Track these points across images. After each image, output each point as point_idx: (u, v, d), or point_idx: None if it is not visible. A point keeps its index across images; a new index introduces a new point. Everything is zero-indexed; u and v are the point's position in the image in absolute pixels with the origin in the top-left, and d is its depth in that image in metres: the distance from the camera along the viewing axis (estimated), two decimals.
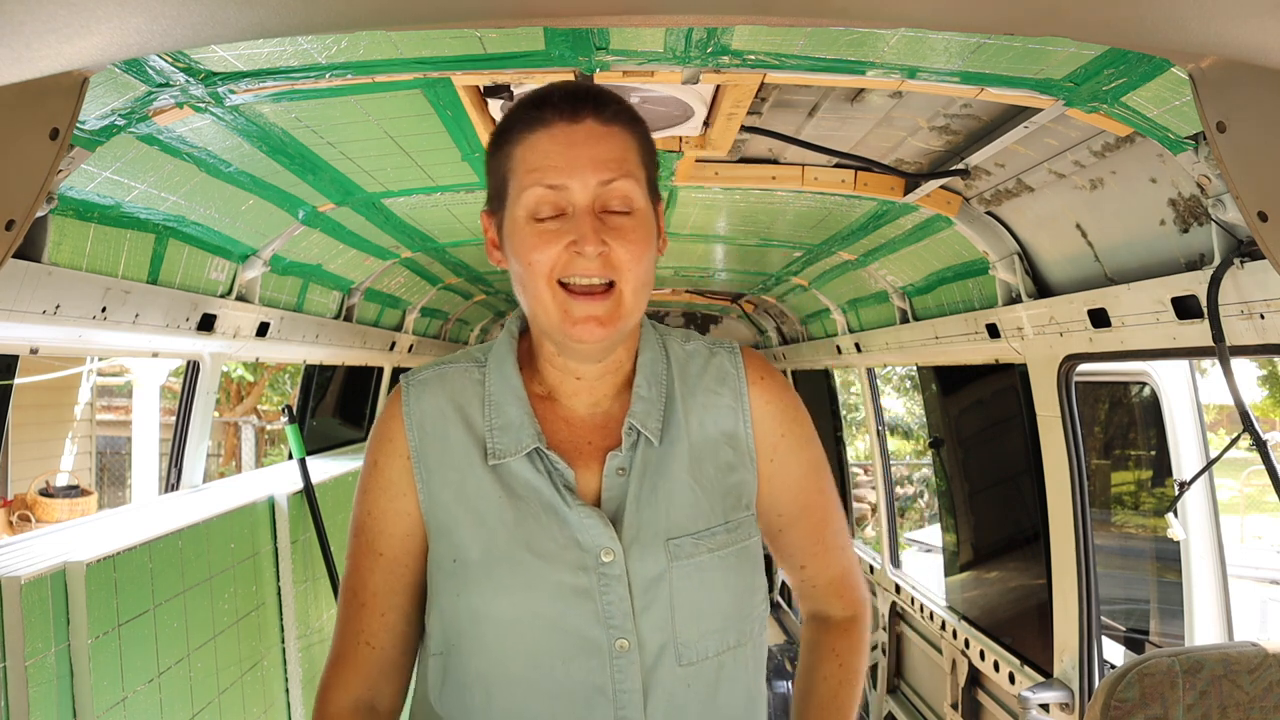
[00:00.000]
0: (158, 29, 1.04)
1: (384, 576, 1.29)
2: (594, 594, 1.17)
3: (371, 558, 1.29)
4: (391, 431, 1.29)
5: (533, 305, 1.21)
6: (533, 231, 1.17)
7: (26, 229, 1.22)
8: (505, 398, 1.27)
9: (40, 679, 2.02)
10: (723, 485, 1.27)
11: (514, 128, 1.21)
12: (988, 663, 3.58)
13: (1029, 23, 1.22)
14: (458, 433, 1.27)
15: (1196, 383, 3.10)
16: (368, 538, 1.29)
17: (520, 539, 1.20)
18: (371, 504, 1.29)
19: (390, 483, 1.28)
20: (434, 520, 1.26)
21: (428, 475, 1.26)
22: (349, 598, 1.31)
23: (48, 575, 2.07)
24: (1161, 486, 3.89)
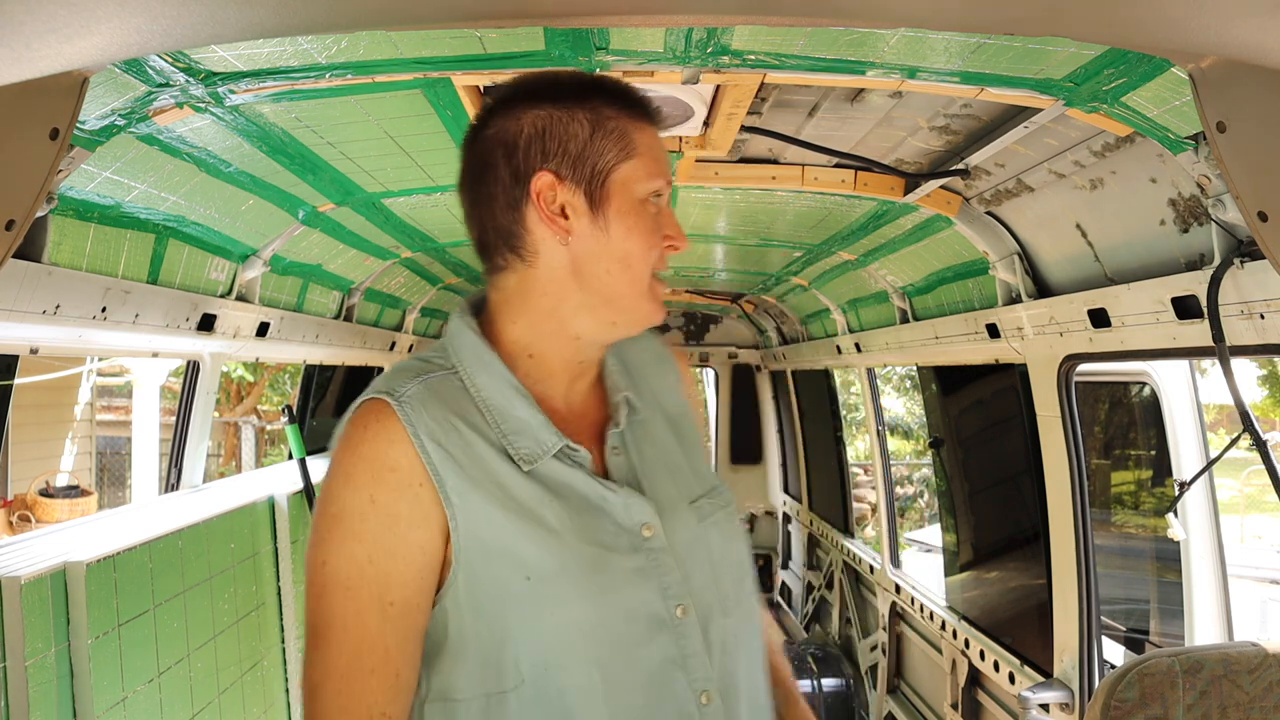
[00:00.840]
0: (158, 29, 1.04)
1: (396, 629, 1.12)
2: (649, 571, 1.19)
3: (379, 611, 1.11)
4: (392, 459, 1.12)
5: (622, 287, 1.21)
6: (648, 217, 1.22)
7: (26, 229, 1.22)
8: (508, 399, 1.20)
9: (40, 679, 2.02)
10: (699, 450, 1.37)
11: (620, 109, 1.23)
12: (988, 663, 3.58)
13: (1029, 23, 1.22)
14: (477, 443, 1.17)
15: (1196, 383, 3.10)
16: (373, 589, 1.11)
17: (587, 536, 1.17)
18: (373, 548, 1.11)
19: (398, 517, 1.12)
20: (477, 544, 1.13)
21: (460, 498, 1.13)
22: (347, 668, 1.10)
23: (48, 575, 2.07)
24: (1161, 486, 3.89)
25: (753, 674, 1.28)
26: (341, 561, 1.11)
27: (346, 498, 1.12)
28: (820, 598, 6.71)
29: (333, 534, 1.12)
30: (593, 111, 1.21)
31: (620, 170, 1.20)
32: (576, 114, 1.20)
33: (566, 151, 1.20)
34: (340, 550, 1.11)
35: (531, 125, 1.20)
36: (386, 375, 1.21)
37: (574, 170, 1.20)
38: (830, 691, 5.41)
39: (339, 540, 1.11)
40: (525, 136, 1.20)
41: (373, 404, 1.16)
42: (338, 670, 1.10)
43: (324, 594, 1.11)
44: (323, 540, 1.12)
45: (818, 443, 6.90)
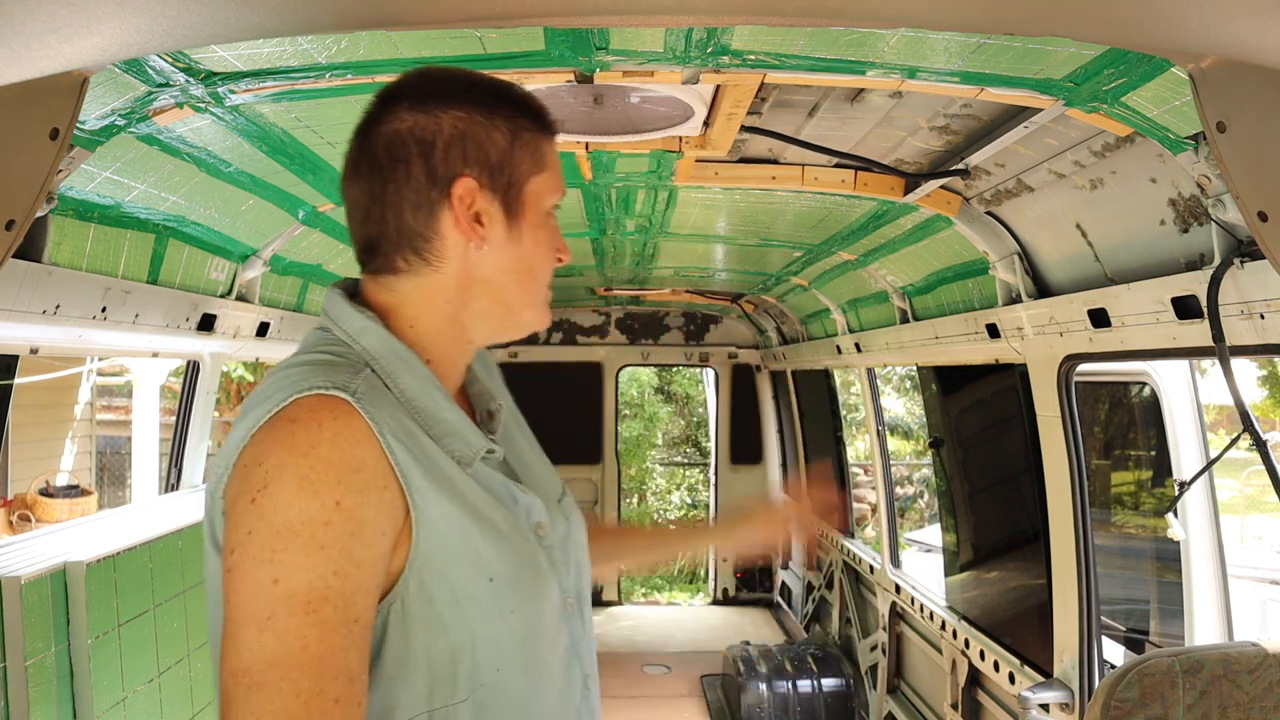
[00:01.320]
0: (158, 29, 1.04)
1: (360, 650, 1.00)
2: (551, 567, 1.21)
3: (345, 630, 0.98)
4: (357, 459, 1.02)
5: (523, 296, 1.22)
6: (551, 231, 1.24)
7: (26, 229, 1.22)
8: (435, 401, 1.15)
9: (40, 679, 2.02)
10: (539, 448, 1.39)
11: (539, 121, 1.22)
12: (988, 663, 3.58)
13: (1029, 23, 1.22)
14: (427, 442, 1.11)
15: (1196, 383, 3.10)
16: (338, 605, 0.98)
17: (523, 535, 1.17)
18: (339, 559, 0.99)
19: (365, 524, 1.01)
20: (441, 547, 1.07)
21: (424, 499, 1.06)
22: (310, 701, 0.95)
23: (48, 575, 2.07)
24: (1161, 486, 3.89)
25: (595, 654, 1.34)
26: (301, 577, 0.97)
27: (303, 505, 0.99)
28: (820, 598, 6.71)
29: (286, 547, 0.98)
30: (510, 121, 1.19)
31: (533, 183, 1.20)
32: (496, 122, 1.17)
33: (487, 159, 1.17)
34: (299, 565, 0.97)
35: (451, 127, 1.15)
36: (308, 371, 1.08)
37: (492, 179, 1.17)
38: (830, 691, 5.42)
39: (295, 553, 0.97)
40: (445, 137, 1.15)
41: (323, 400, 1.04)
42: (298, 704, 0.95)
43: (273, 619, 0.96)
44: (270, 556, 0.97)
45: (818, 443, 6.90)
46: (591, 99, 2.27)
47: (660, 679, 6.49)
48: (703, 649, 6.99)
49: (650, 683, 6.43)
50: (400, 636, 1.06)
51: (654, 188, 3.21)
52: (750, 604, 8.26)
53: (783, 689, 5.40)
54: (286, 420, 1.03)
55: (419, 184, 1.15)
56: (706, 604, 8.80)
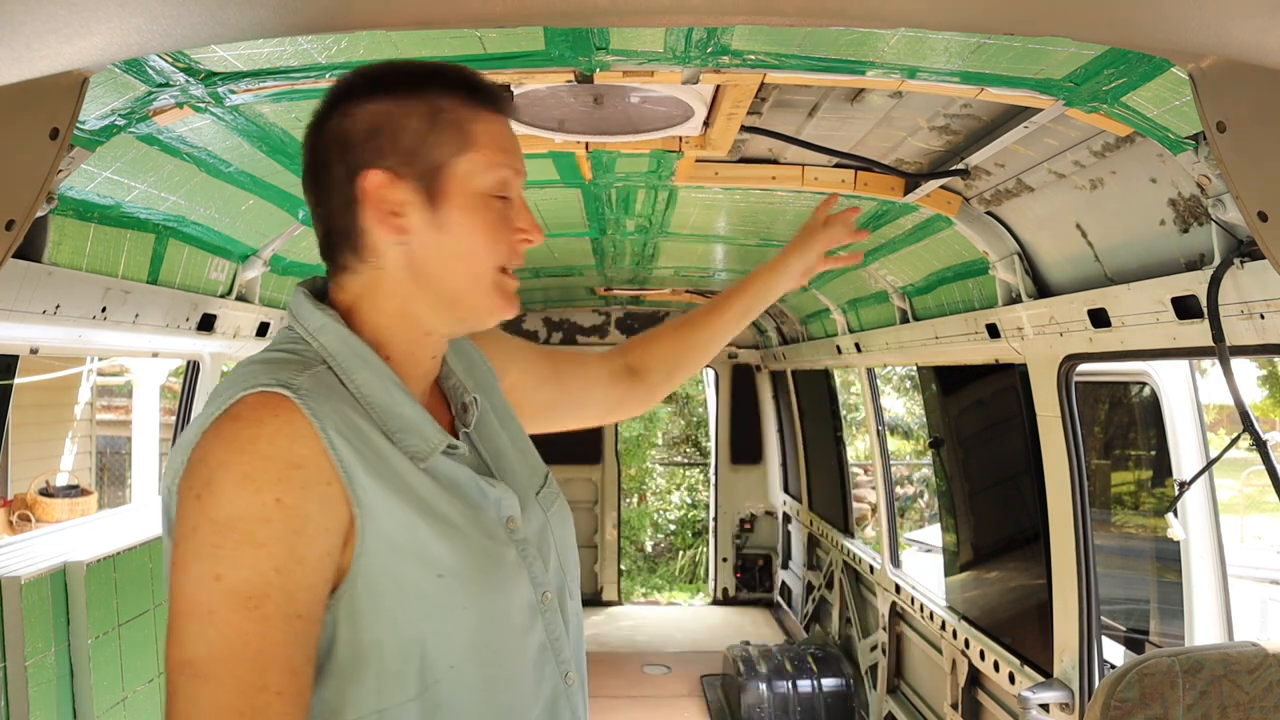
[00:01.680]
0: (158, 29, 1.04)
1: (303, 646, 1.01)
2: (520, 562, 1.20)
3: (286, 626, 1.00)
4: (298, 456, 1.03)
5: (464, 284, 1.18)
6: (493, 211, 1.17)
7: (26, 229, 1.22)
8: (392, 397, 1.15)
9: (40, 679, 2.02)
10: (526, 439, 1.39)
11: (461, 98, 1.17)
12: (988, 663, 3.58)
13: (1029, 23, 1.22)
14: (376, 438, 1.11)
15: (1196, 383, 3.10)
16: (278, 601, 0.99)
17: (482, 531, 1.16)
18: (280, 556, 1.00)
19: (305, 521, 1.02)
20: (386, 544, 1.07)
21: (368, 495, 1.06)
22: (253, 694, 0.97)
23: (48, 575, 2.07)
24: (1161, 486, 3.89)
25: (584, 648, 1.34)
26: (241, 573, 0.98)
27: (244, 501, 1.00)
28: (820, 598, 6.71)
29: (226, 543, 0.99)
30: (429, 103, 1.15)
31: (458, 164, 1.15)
32: (413, 107, 1.15)
33: (400, 146, 1.14)
34: (239, 561, 0.99)
35: (367, 121, 1.14)
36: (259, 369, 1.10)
37: (409, 166, 1.14)
38: (830, 691, 5.42)
39: (236, 550, 0.99)
40: (360, 133, 1.14)
41: (265, 398, 1.04)
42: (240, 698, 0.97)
43: (215, 614, 0.98)
44: (211, 551, 0.99)
45: (818, 443, 6.90)
46: (591, 99, 2.27)
47: (660, 679, 6.50)
48: (703, 649, 6.99)
49: (650, 683, 6.43)
50: (350, 633, 1.06)
51: (654, 188, 3.21)
52: (750, 604, 8.26)
53: (783, 689, 5.40)
54: (231, 418, 1.04)
55: (340, 183, 1.15)
56: (706, 604, 8.80)
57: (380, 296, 1.18)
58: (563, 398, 1.60)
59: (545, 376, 1.58)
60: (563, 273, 5.43)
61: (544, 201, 3.45)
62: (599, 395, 1.68)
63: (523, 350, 1.57)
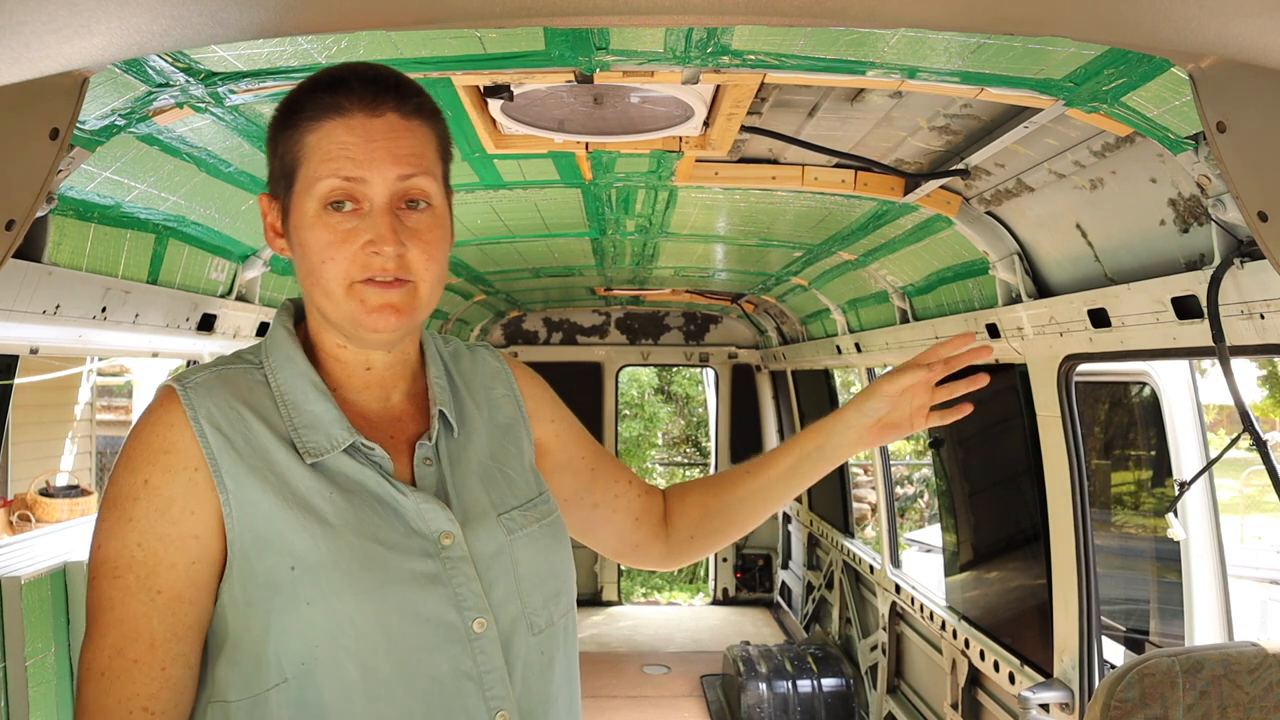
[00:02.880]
0: (158, 29, 1.04)
1: (164, 620, 1.08)
2: (443, 578, 1.16)
3: (146, 599, 1.07)
4: (169, 442, 1.11)
5: (321, 299, 1.18)
6: (326, 227, 1.14)
7: (26, 229, 1.22)
8: (304, 394, 1.18)
9: (40, 679, 2.02)
10: (524, 463, 1.35)
11: (307, 109, 1.16)
12: (988, 663, 3.58)
13: (1029, 23, 1.22)
14: (262, 432, 1.15)
15: (1196, 383, 3.10)
16: (139, 574, 1.07)
17: (365, 532, 1.13)
18: (143, 532, 1.08)
19: (170, 501, 1.09)
20: (250, 532, 1.10)
21: (235, 484, 1.11)
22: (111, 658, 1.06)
23: (48, 575, 2.07)
24: (1161, 486, 3.89)
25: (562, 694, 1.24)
26: (112, 545, 1.09)
27: (122, 481, 1.11)
28: (820, 598, 6.71)
29: (108, 518, 1.10)
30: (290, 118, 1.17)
31: (297, 180, 1.16)
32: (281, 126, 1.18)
33: (272, 170, 1.21)
34: (111, 534, 1.09)
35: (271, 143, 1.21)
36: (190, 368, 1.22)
37: (273, 187, 1.21)
38: (830, 691, 5.42)
39: (111, 524, 1.10)
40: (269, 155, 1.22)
41: (162, 392, 1.16)
42: (101, 659, 1.07)
43: (94, 581, 1.09)
44: (98, 525, 1.10)
45: None
46: (591, 99, 2.27)
47: (660, 679, 6.50)
48: (703, 649, 7.00)
49: (650, 683, 6.43)
50: (233, 619, 1.11)
51: (654, 188, 3.21)
52: (750, 604, 8.26)
53: (783, 689, 5.40)
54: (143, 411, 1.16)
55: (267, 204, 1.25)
56: (706, 604, 8.80)
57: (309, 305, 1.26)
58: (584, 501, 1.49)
59: (581, 466, 1.48)
60: (563, 273, 5.43)
61: (544, 201, 3.45)
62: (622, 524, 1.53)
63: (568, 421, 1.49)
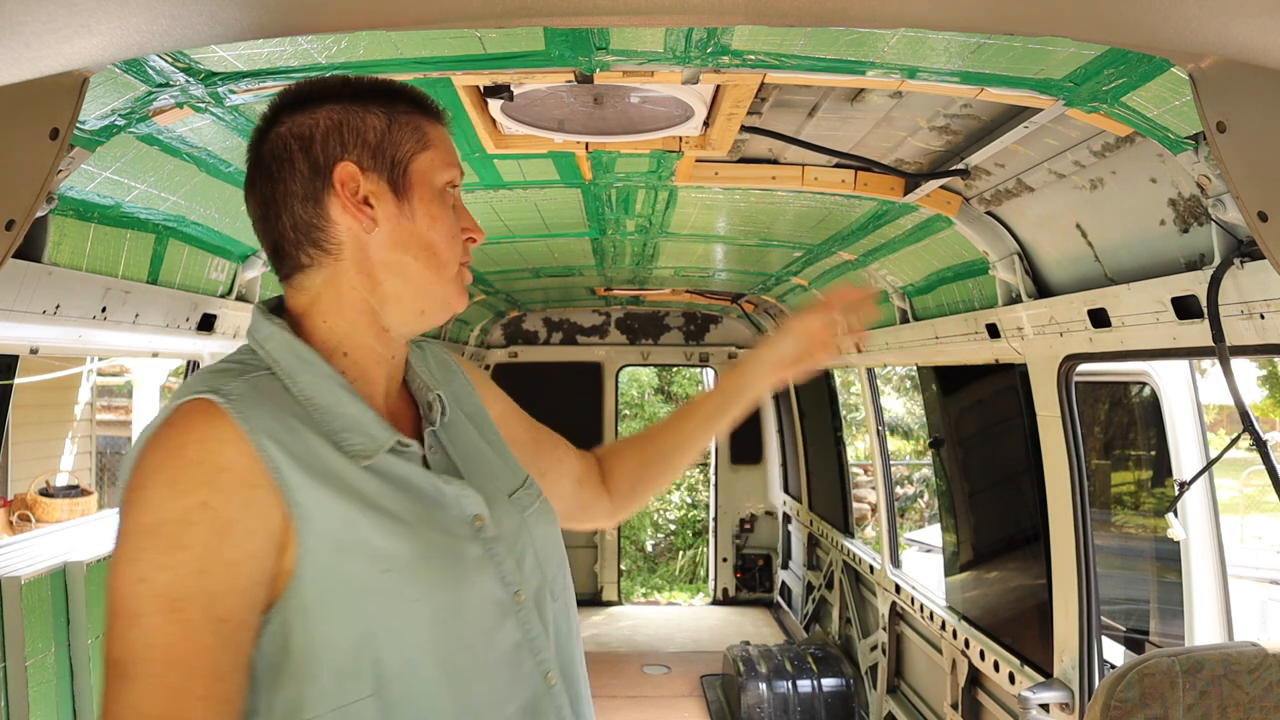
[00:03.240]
0: (158, 29, 1.04)
1: (228, 650, 1.01)
2: (486, 560, 1.20)
3: (211, 630, 1.00)
4: (224, 459, 1.03)
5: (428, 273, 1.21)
6: (450, 209, 1.24)
7: (26, 229, 1.22)
8: (335, 397, 1.16)
9: (40, 679, 2.02)
10: (504, 445, 1.40)
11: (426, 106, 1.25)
12: (988, 663, 3.58)
13: (1029, 23, 1.22)
14: (313, 439, 1.11)
15: (1196, 383, 3.10)
16: (202, 604, 0.99)
17: (433, 525, 1.16)
18: (203, 559, 1.00)
19: (230, 523, 1.02)
20: (329, 542, 1.07)
21: (306, 496, 1.06)
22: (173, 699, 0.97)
23: (48, 575, 2.07)
24: (1161, 486, 3.89)
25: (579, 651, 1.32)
26: (164, 576, 0.99)
27: (170, 505, 1.01)
28: (820, 598, 6.71)
29: (151, 546, 1.00)
30: (385, 106, 1.21)
31: (419, 160, 1.21)
32: (370, 108, 1.20)
33: (365, 142, 1.19)
34: (162, 565, 0.99)
35: (327, 118, 1.18)
36: (200, 378, 1.12)
37: (375, 160, 1.19)
38: (830, 691, 5.42)
39: (160, 553, 1.00)
40: (322, 129, 1.18)
41: (195, 404, 1.06)
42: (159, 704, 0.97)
43: (139, 617, 0.98)
44: (137, 555, 1.00)
45: (818, 443, 6.90)
46: (591, 99, 2.27)
47: (660, 679, 6.49)
48: (703, 649, 7.00)
49: (650, 683, 6.43)
50: (303, 633, 1.06)
51: (654, 188, 3.21)
52: (750, 604, 8.26)
53: (783, 689, 5.40)
54: (166, 426, 1.06)
55: (303, 177, 1.17)
56: (706, 604, 8.80)
57: (344, 288, 1.20)
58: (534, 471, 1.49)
59: (524, 439, 1.53)
60: (563, 273, 5.43)
61: (544, 201, 3.45)
62: (567, 489, 1.60)
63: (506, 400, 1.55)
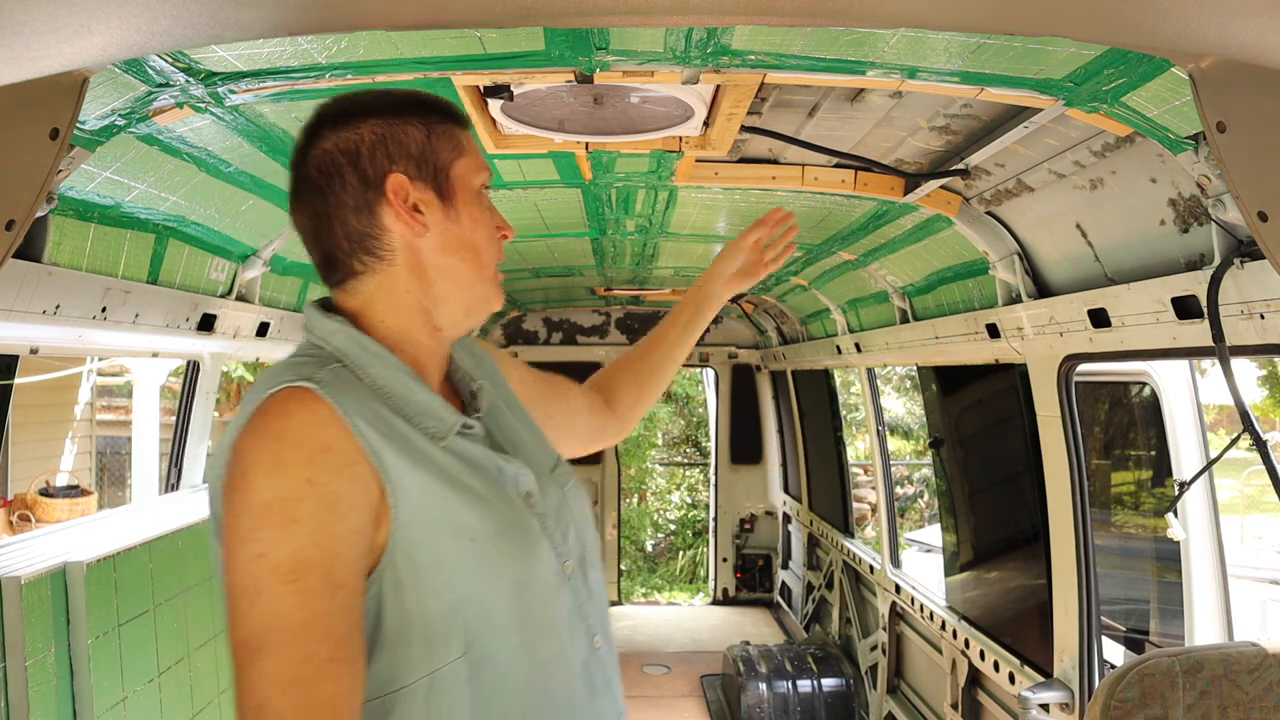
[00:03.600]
0: (158, 29, 1.04)
1: (344, 614, 1.08)
2: (541, 532, 1.29)
3: (329, 596, 1.06)
4: (326, 440, 1.11)
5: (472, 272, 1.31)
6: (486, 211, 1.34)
7: (26, 229, 1.22)
8: (405, 385, 1.24)
9: (40, 679, 2.02)
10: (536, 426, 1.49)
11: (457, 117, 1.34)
12: (988, 663, 3.58)
13: (1029, 23, 1.22)
14: (399, 424, 1.20)
15: (1196, 383, 3.10)
16: (321, 573, 1.06)
17: (504, 500, 1.25)
18: (316, 531, 1.07)
19: (337, 498, 1.09)
20: (421, 516, 1.15)
21: (399, 474, 1.15)
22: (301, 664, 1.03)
23: (48, 575, 2.07)
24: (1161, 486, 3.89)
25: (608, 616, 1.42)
26: (281, 550, 1.05)
27: (278, 484, 1.08)
28: (820, 598, 6.71)
29: (265, 524, 1.06)
30: (421, 117, 1.29)
31: (458, 165, 1.30)
32: (409, 120, 1.28)
33: (409, 153, 1.27)
34: (279, 540, 1.06)
35: (371, 133, 1.26)
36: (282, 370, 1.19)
37: (420, 169, 1.27)
38: (830, 691, 5.42)
39: (274, 529, 1.06)
40: (368, 143, 1.25)
41: (289, 392, 1.13)
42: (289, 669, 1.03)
43: (263, 591, 1.05)
44: (253, 534, 1.06)
45: (818, 443, 6.90)
46: (591, 99, 2.27)
47: (660, 679, 6.49)
48: (703, 649, 7.00)
49: (650, 683, 6.43)
50: (395, 604, 1.14)
51: (654, 188, 3.21)
52: (750, 604, 8.26)
53: (783, 689, 5.40)
54: (261, 414, 1.13)
55: (354, 189, 1.25)
56: (706, 604, 8.80)
57: (398, 291, 1.28)
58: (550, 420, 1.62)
59: (540, 392, 1.66)
60: (563, 273, 5.43)
61: (544, 201, 3.45)
62: (581, 421, 1.75)
63: (519, 365, 1.67)
